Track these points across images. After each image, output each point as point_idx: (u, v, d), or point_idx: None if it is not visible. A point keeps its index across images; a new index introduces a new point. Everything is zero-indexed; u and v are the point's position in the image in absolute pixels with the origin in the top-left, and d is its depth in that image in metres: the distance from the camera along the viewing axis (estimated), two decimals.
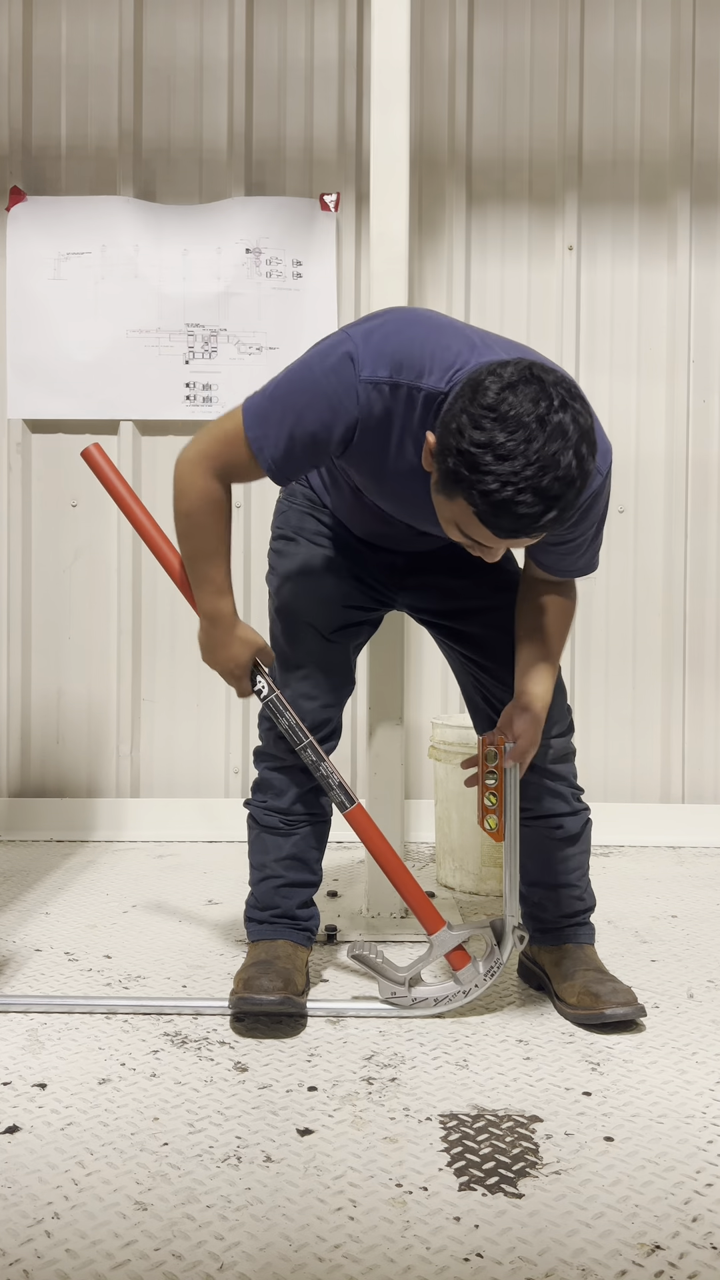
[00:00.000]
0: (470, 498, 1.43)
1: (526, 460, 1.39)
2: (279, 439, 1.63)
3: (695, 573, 3.25)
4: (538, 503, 1.41)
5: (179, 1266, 1.19)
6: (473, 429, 1.41)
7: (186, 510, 1.73)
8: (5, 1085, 1.61)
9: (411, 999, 1.85)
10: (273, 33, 3.23)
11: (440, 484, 1.50)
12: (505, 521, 1.43)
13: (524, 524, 1.43)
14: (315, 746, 1.87)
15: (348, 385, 1.58)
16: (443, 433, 1.47)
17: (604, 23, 3.23)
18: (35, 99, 3.24)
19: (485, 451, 1.40)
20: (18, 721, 3.27)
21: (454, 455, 1.43)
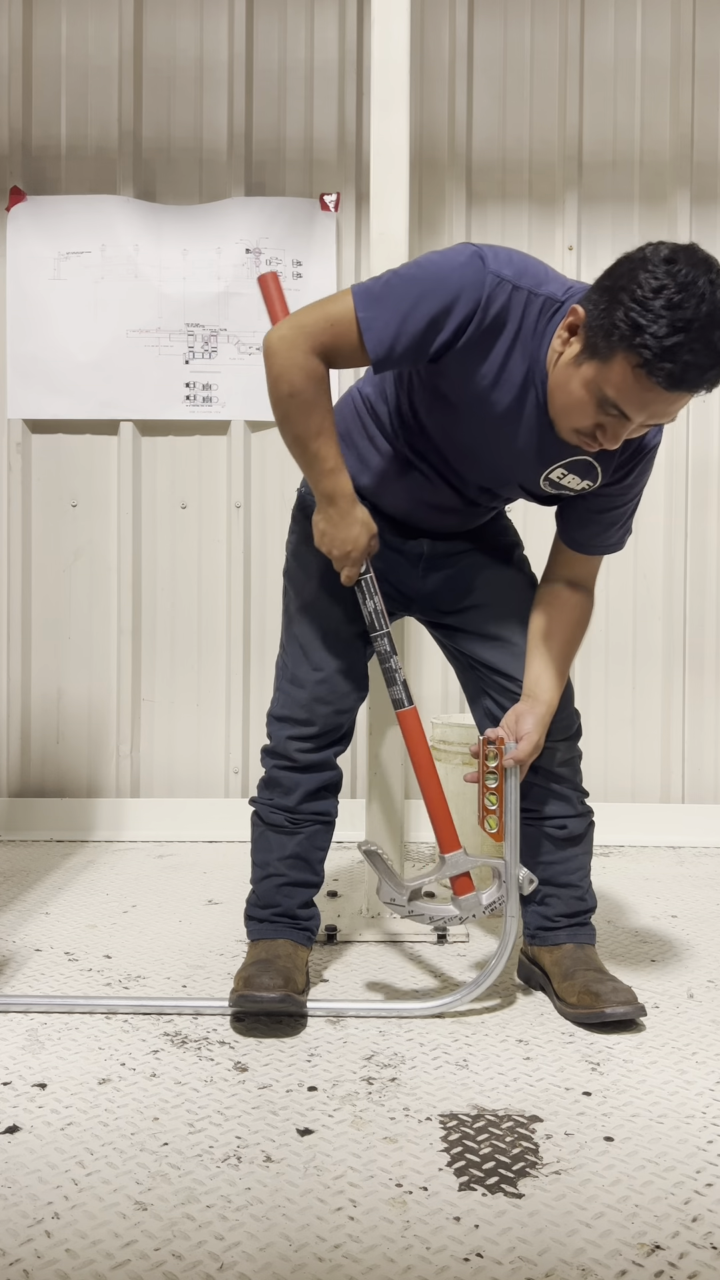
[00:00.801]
0: (637, 344, 1.46)
1: (698, 312, 1.44)
2: (390, 321, 1.61)
3: (695, 573, 3.25)
4: (706, 354, 1.45)
5: (179, 1266, 1.19)
6: (648, 277, 1.46)
7: (291, 390, 1.66)
8: (5, 1085, 1.60)
9: (409, 910, 1.85)
10: (273, 33, 3.23)
11: (591, 349, 1.53)
12: (672, 366, 1.45)
13: (691, 375, 1.46)
14: (391, 638, 1.87)
15: (476, 274, 1.60)
16: (603, 293, 1.51)
17: (604, 23, 3.23)
18: (35, 99, 3.24)
19: (658, 297, 1.44)
20: (18, 721, 3.28)
21: (624, 306, 1.47)
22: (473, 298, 1.60)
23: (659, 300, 1.44)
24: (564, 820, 1.94)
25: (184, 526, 3.27)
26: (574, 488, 1.77)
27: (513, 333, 1.64)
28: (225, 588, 3.27)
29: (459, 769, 2.64)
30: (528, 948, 2.01)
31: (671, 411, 1.55)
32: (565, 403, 1.61)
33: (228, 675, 3.26)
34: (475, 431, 1.75)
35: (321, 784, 1.95)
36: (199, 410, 3.20)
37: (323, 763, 1.95)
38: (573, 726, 1.95)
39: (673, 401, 1.53)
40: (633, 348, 1.47)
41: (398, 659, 1.89)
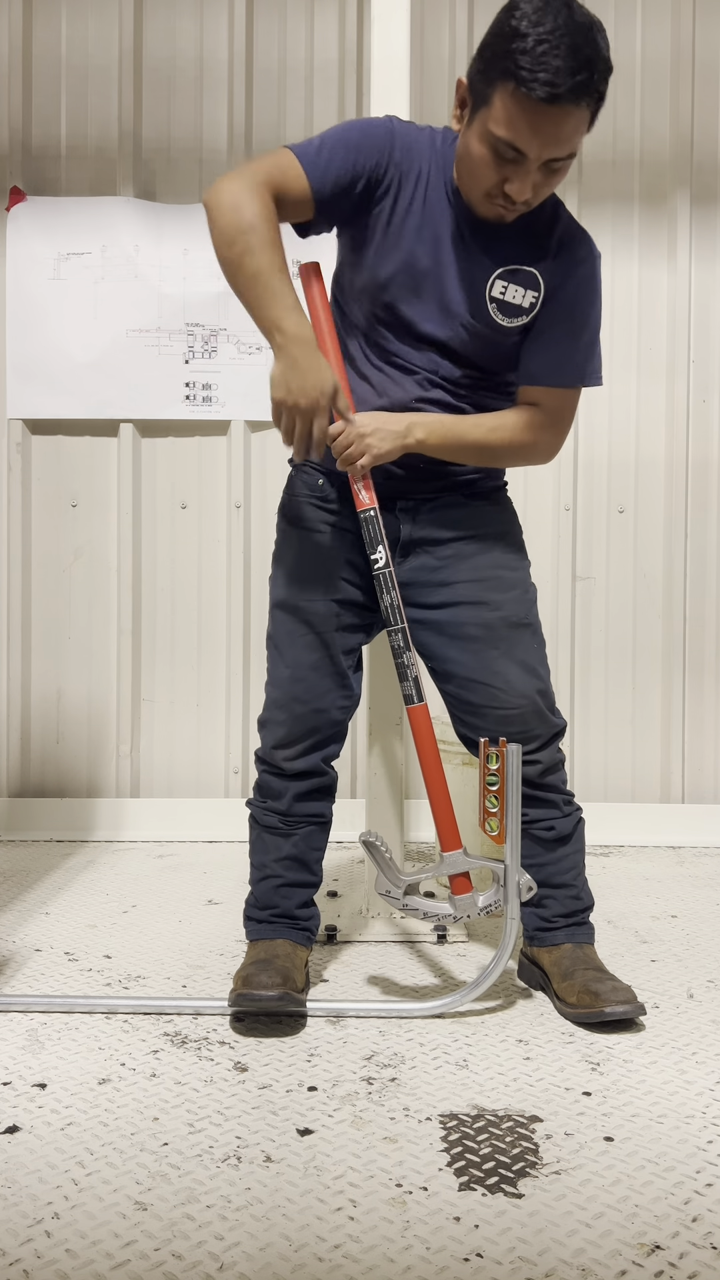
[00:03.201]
0: (510, 67, 1.57)
1: (558, 24, 1.57)
2: (321, 147, 1.74)
3: (695, 573, 3.25)
4: (572, 59, 1.56)
5: (179, 1266, 1.19)
6: (509, 14, 1.60)
7: (246, 225, 1.64)
8: (5, 1085, 1.61)
9: (404, 903, 1.85)
10: (273, 33, 3.23)
11: (476, 95, 1.66)
12: (544, 74, 1.55)
13: (560, 79, 1.55)
14: (406, 634, 1.85)
15: (385, 122, 1.80)
16: (478, 52, 1.66)
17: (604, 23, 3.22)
18: (35, 99, 3.24)
19: (522, 20, 1.58)
20: (18, 721, 3.28)
21: (492, 42, 1.61)
22: (388, 135, 1.76)
23: (522, 24, 1.57)
24: (551, 822, 1.94)
25: (184, 526, 3.27)
26: (520, 304, 1.80)
27: (426, 160, 1.77)
28: (225, 588, 3.27)
29: (459, 769, 2.64)
30: (527, 948, 2.02)
31: (563, 136, 1.61)
32: (468, 168, 1.71)
33: (228, 675, 3.26)
34: (406, 262, 1.79)
35: (312, 788, 1.94)
36: (199, 410, 3.20)
37: (311, 769, 1.94)
38: (547, 734, 1.92)
39: (560, 122, 1.59)
40: (507, 73, 1.58)
41: (411, 655, 1.86)
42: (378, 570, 1.83)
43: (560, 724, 1.95)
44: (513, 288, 1.79)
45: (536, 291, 1.80)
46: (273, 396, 1.68)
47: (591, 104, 1.61)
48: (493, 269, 1.78)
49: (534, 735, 1.90)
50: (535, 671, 1.92)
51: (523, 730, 1.89)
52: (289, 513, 1.99)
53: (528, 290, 1.80)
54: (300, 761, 1.93)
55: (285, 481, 2.04)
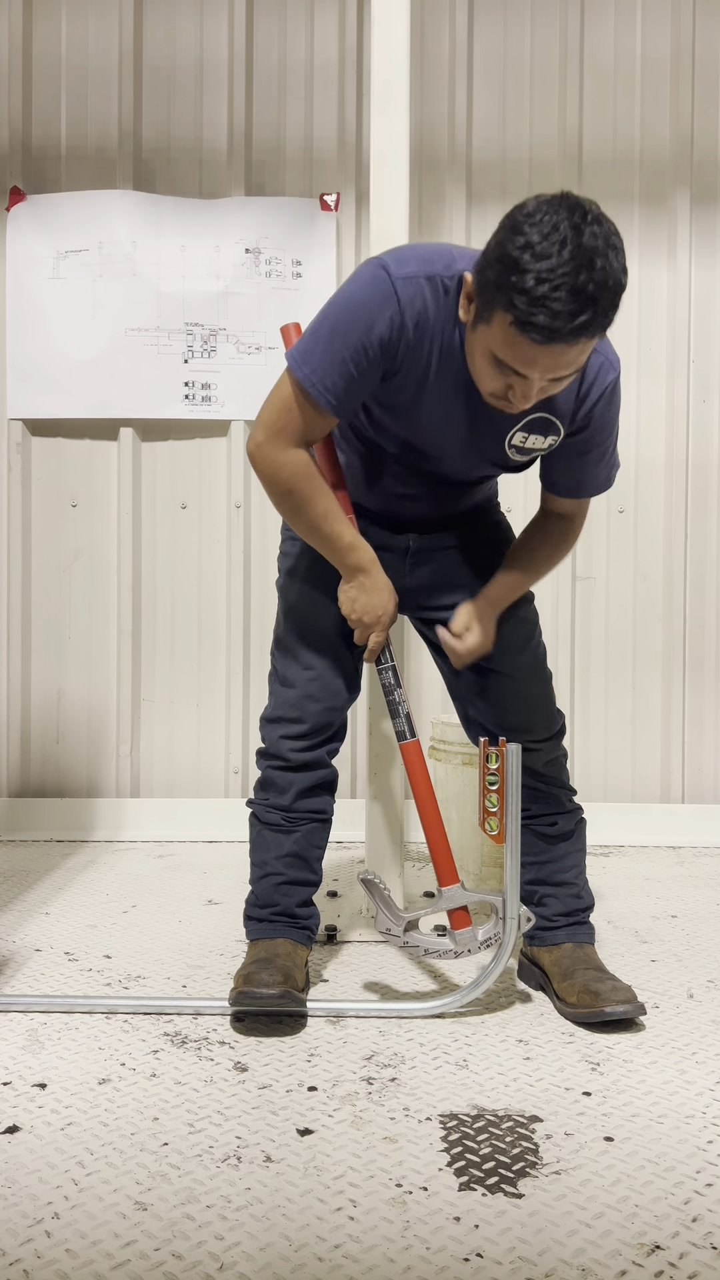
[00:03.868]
0: (508, 301, 1.47)
1: (561, 259, 1.44)
2: (330, 369, 1.66)
3: (695, 573, 3.25)
4: (573, 301, 1.45)
5: (179, 1266, 1.18)
6: (512, 234, 1.48)
7: (286, 489, 1.74)
8: (5, 1085, 1.60)
9: (404, 941, 1.86)
10: (273, 33, 3.23)
11: (478, 312, 1.56)
12: (542, 319, 1.46)
13: (559, 323, 1.46)
14: (396, 670, 1.89)
15: (383, 288, 1.63)
16: (482, 255, 1.54)
17: (604, 23, 3.23)
18: (35, 99, 3.24)
19: (524, 251, 1.45)
20: (18, 721, 3.27)
21: (493, 264, 1.50)
22: (389, 311, 1.63)
23: (524, 256, 1.45)
24: (554, 817, 1.95)
25: (184, 527, 3.27)
26: (540, 447, 1.78)
27: (438, 321, 1.66)
28: (225, 588, 3.27)
29: (459, 769, 2.64)
30: (527, 948, 2.02)
31: (564, 364, 1.53)
32: (474, 368, 1.64)
33: (228, 675, 3.26)
34: (431, 425, 1.76)
35: (316, 782, 1.95)
36: (198, 410, 3.20)
37: (316, 761, 1.95)
38: (555, 725, 1.95)
39: (560, 354, 1.51)
40: (506, 306, 1.49)
41: (402, 691, 1.89)
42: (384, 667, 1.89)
43: (561, 720, 1.98)
44: (534, 435, 1.76)
45: (557, 435, 1.77)
46: (341, 609, 1.85)
47: (598, 333, 1.52)
48: (515, 422, 1.74)
49: (539, 724, 1.92)
50: (542, 662, 1.98)
51: (528, 718, 1.92)
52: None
53: (549, 435, 1.76)
54: (307, 754, 1.94)
55: None
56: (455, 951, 1.87)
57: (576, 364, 1.55)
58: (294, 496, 1.75)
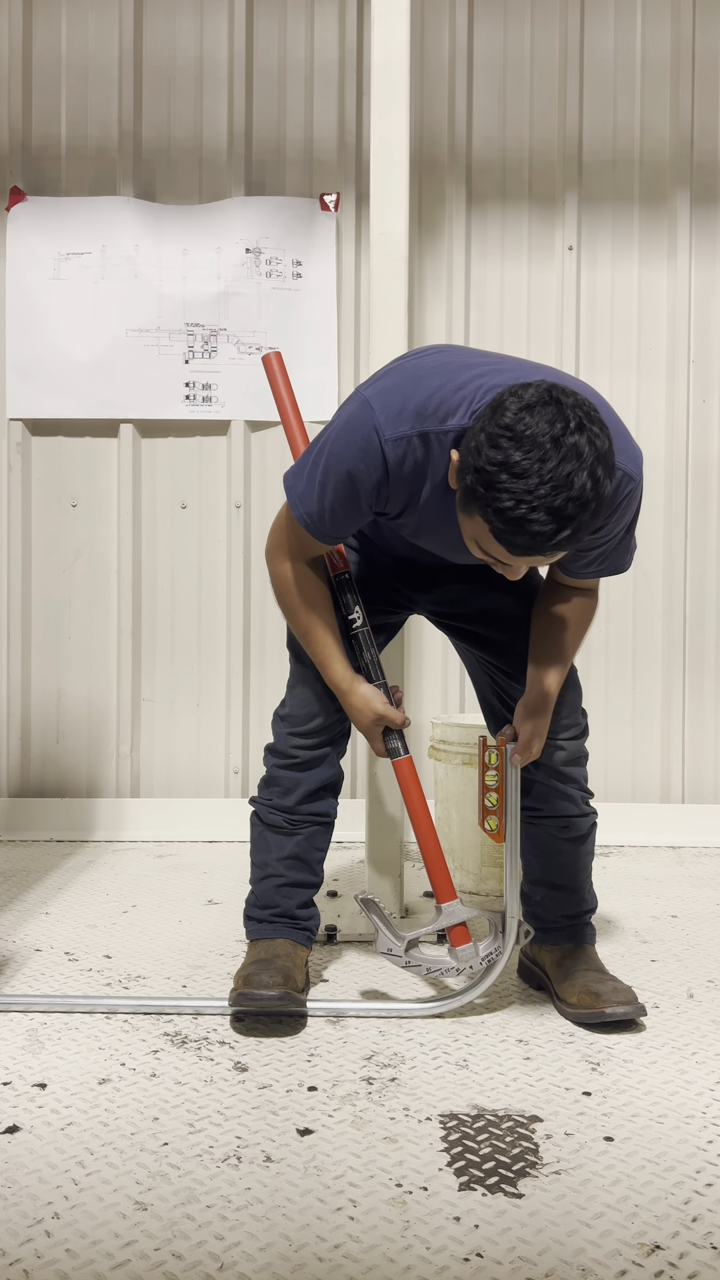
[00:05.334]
0: (486, 515, 1.46)
1: (540, 479, 1.40)
2: (320, 511, 1.72)
3: (695, 573, 3.25)
4: (550, 521, 1.42)
5: (179, 1266, 1.19)
6: (490, 448, 1.43)
7: (279, 595, 1.87)
8: (5, 1085, 1.60)
9: (405, 960, 1.86)
10: (273, 33, 3.23)
11: (461, 501, 1.53)
12: (520, 539, 1.45)
13: (538, 542, 1.44)
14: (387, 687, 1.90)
15: (371, 451, 1.63)
16: (464, 451, 1.50)
17: (604, 23, 3.23)
18: (35, 99, 3.24)
19: (500, 470, 1.42)
20: (18, 721, 3.28)
21: (472, 473, 1.46)
22: (376, 473, 1.65)
23: (501, 475, 1.41)
24: (568, 820, 1.94)
25: (184, 526, 3.27)
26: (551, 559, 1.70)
27: (434, 470, 1.65)
28: (225, 588, 3.27)
29: (459, 769, 2.64)
30: (528, 947, 2.01)
31: (551, 558, 1.53)
32: (464, 535, 1.59)
33: (228, 675, 3.26)
34: (434, 533, 1.77)
35: (321, 783, 1.95)
36: (199, 410, 3.20)
37: (322, 760, 1.95)
38: (578, 725, 1.94)
39: (544, 556, 1.50)
40: (485, 519, 1.47)
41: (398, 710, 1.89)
42: (355, 630, 1.90)
43: (585, 720, 1.97)
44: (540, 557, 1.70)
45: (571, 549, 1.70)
46: None
47: (581, 542, 1.51)
48: None
49: (563, 721, 1.90)
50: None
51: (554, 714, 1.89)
52: None
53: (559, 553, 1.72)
54: (317, 752, 1.95)
55: None
56: (457, 969, 1.86)
57: (564, 552, 1.53)
58: (285, 603, 1.86)
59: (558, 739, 1.90)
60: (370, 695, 1.86)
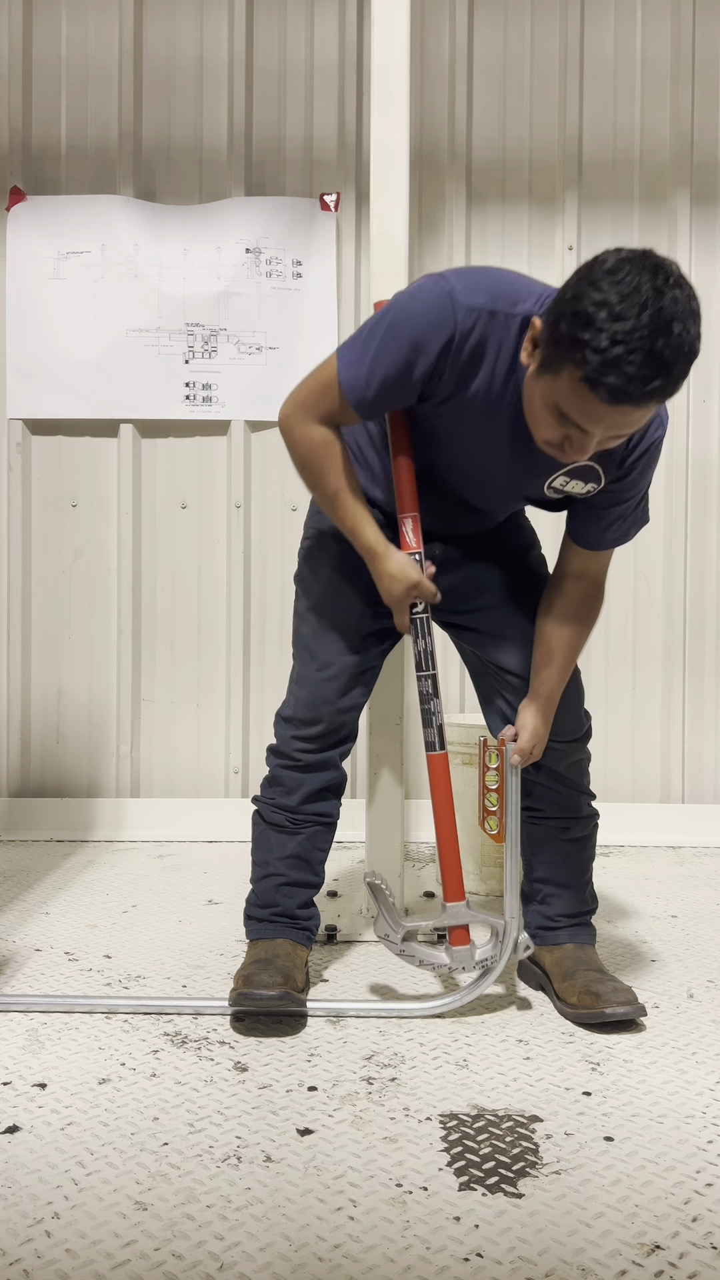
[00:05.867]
0: (579, 358, 1.44)
1: (638, 323, 1.40)
2: (370, 378, 1.67)
3: (695, 573, 3.25)
4: (646, 365, 1.42)
5: (179, 1266, 1.19)
6: (590, 289, 1.43)
7: (302, 460, 1.77)
8: (5, 1085, 1.61)
9: (400, 949, 1.86)
10: (273, 33, 3.23)
11: (544, 362, 1.52)
12: (613, 380, 1.42)
13: (632, 387, 1.43)
14: (435, 680, 1.86)
15: (444, 312, 1.61)
16: (554, 304, 1.50)
17: (604, 23, 3.23)
18: (35, 99, 3.24)
19: (601, 309, 1.41)
20: (18, 721, 3.28)
21: (566, 319, 1.45)
22: (444, 336, 1.61)
23: (600, 315, 1.41)
24: (570, 821, 1.94)
25: (184, 526, 3.27)
26: (579, 492, 1.76)
27: (494, 356, 1.64)
28: (225, 588, 3.27)
29: (459, 769, 2.64)
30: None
31: (629, 424, 1.51)
32: (531, 415, 1.61)
33: (228, 675, 3.26)
34: (474, 457, 1.76)
35: (324, 785, 1.95)
36: (199, 410, 3.20)
37: (325, 763, 1.95)
38: (581, 728, 1.94)
39: (625, 415, 1.48)
40: (577, 363, 1.44)
41: (438, 702, 1.86)
42: (415, 614, 1.84)
43: (588, 722, 1.96)
44: (575, 480, 1.74)
45: (597, 484, 1.74)
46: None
47: (668, 398, 1.50)
48: (557, 468, 1.72)
49: (566, 724, 1.91)
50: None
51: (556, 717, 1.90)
52: (323, 521, 1.97)
53: (588, 482, 1.74)
54: (319, 755, 1.94)
55: None
56: (450, 967, 1.87)
57: (639, 424, 1.53)
58: (308, 467, 1.77)
59: (561, 742, 1.90)
60: (406, 562, 1.79)
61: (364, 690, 1.97)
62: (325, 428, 1.74)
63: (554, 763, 1.90)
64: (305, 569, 1.99)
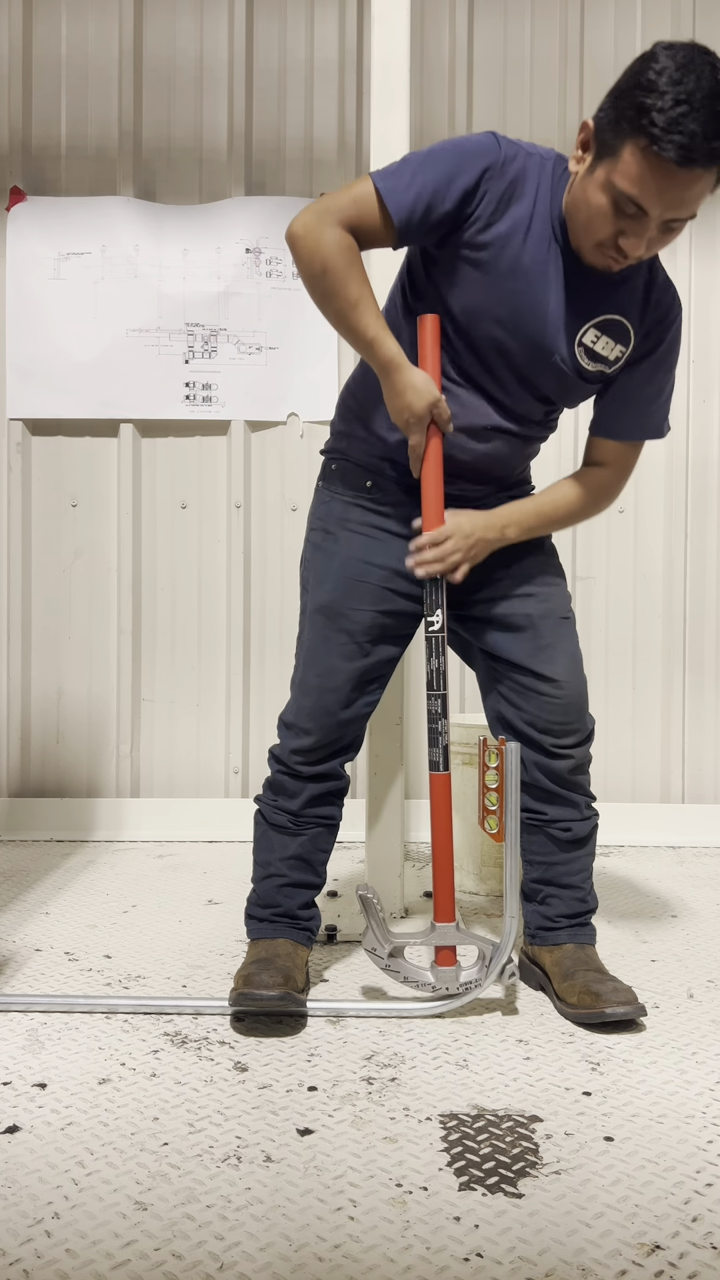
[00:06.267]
0: (646, 123, 1.50)
1: (700, 86, 1.49)
2: (410, 186, 1.66)
3: (695, 573, 3.25)
4: (711, 123, 1.49)
5: (179, 1266, 1.18)
6: (649, 65, 1.52)
7: (323, 266, 1.67)
8: (5, 1085, 1.60)
9: (386, 964, 1.86)
10: (273, 33, 3.23)
11: (601, 148, 1.59)
12: (679, 137, 1.49)
13: (696, 142, 1.49)
14: (446, 700, 1.84)
15: (490, 144, 1.69)
16: (611, 92, 1.59)
17: (604, 23, 3.23)
18: (35, 99, 3.24)
19: (662, 75, 1.50)
20: (18, 721, 3.28)
21: (627, 94, 1.54)
22: (487, 158, 1.67)
23: (662, 79, 1.50)
24: (569, 823, 1.94)
25: (184, 526, 3.27)
26: (609, 355, 1.78)
27: (533, 189, 1.70)
28: (225, 588, 3.27)
29: (459, 769, 2.64)
30: (528, 947, 2.02)
31: (688, 199, 1.57)
32: (584, 216, 1.64)
33: (228, 675, 3.26)
34: (505, 297, 1.73)
35: (326, 790, 1.94)
36: (199, 410, 3.20)
37: (326, 773, 1.94)
38: (584, 730, 1.93)
39: (688, 185, 1.54)
40: (640, 129, 1.52)
41: (446, 723, 1.84)
42: (431, 633, 1.83)
43: (591, 725, 1.96)
44: (604, 339, 1.77)
45: (625, 346, 1.78)
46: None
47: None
48: (589, 317, 1.75)
49: (573, 728, 1.91)
50: (580, 664, 1.95)
51: (563, 721, 1.90)
52: (331, 511, 1.93)
53: (617, 344, 1.78)
54: (318, 766, 1.93)
55: (319, 478, 1.99)
56: (434, 987, 1.86)
57: (692, 208, 1.59)
58: (331, 275, 1.67)
59: (564, 748, 1.90)
60: (427, 377, 1.73)
61: (369, 699, 1.93)
62: (348, 234, 1.68)
63: (560, 768, 1.90)
64: (309, 570, 1.95)
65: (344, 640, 1.89)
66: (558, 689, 1.90)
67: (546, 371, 1.80)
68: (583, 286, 1.74)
